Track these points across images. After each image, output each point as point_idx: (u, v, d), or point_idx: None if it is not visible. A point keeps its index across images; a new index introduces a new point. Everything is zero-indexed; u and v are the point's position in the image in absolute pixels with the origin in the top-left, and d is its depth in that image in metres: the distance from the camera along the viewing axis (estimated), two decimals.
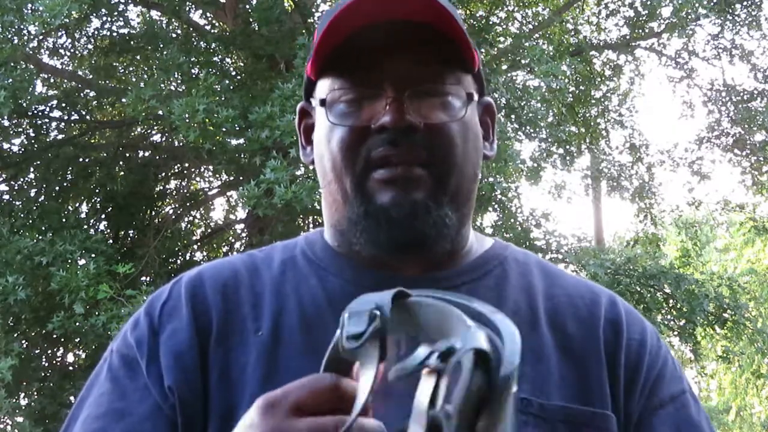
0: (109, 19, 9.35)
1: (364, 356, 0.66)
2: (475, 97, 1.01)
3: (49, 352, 9.53)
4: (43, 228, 8.21)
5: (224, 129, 7.24)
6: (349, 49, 0.95)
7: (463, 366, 0.59)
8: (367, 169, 0.95)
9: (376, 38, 0.94)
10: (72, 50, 10.13)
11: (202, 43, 9.07)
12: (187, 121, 7.01)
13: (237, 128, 7.27)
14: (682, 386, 1.02)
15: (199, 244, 10.83)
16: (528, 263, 1.08)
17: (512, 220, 9.40)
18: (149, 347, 0.96)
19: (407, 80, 0.95)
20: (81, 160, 9.79)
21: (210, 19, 10.02)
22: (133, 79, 9.12)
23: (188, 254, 10.43)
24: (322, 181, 1.02)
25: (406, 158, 0.94)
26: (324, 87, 0.99)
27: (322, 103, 0.98)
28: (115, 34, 9.62)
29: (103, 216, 9.85)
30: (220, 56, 9.02)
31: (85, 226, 8.79)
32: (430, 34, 0.95)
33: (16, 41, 7.51)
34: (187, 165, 10.16)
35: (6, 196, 9.16)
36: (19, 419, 8.22)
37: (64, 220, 8.57)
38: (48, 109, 9.57)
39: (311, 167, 1.03)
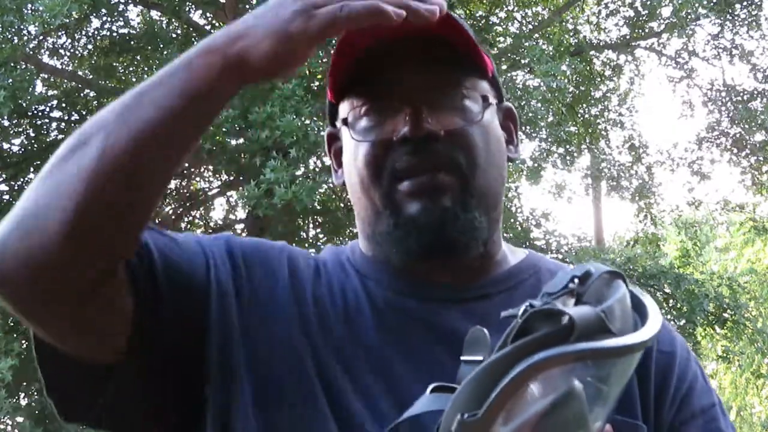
0: (109, 19, 9.36)
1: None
2: (492, 101, 1.03)
3: None
4: None
5: (224, 129, 7.25)
6: (364, 68, 0.98)
7: (611, 284, 0.63)
8: (393, 181, 0.98)
9: (387, 54, 0.97)
10: (72, 50, 10.13)
11: None
12: None
13: (237, 128, 7.27)
14: (711, 399, 1.03)
15: None
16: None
17: (512, 220, 9.41)
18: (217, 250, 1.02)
19: (423, 90, 0.97)
20: None
21: (210, 19, 10.03)
22: (133, 79, 9.12)
23: None
24: (353, 197, 1.05)
25: (429, 166, 0.97)
26: (345, 107, 1.03)
27: (345, 122, 1.02)
28: (115, 34, 9.63)
29: None
30: None
31: None
32: (440, 44, 0.97)
33: (16, 41, 7.52)
34: (187, 165, 10.17)
35: (6, 196, 9.16)
36: (20, 419, 8.23)
37: None
38: (48, 109, 9.58)
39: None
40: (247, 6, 9.00)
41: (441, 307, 1.00)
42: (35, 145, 9.53)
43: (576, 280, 0.66)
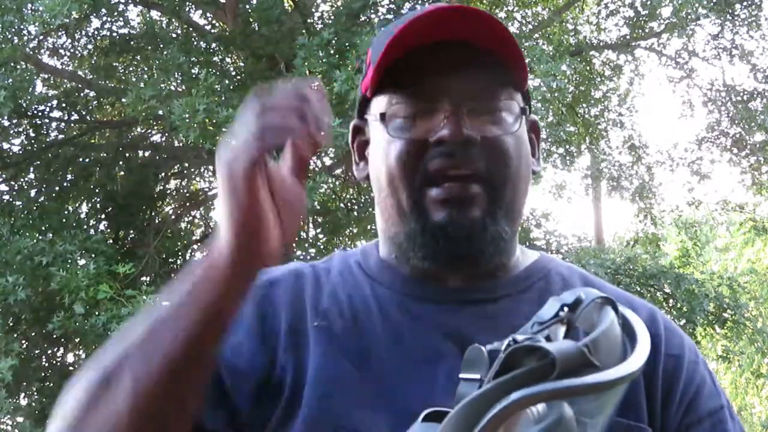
0: (109, 19, 9.35)
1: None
2: (527, 112, 1.04)
3: (49, 352, 9.54)
4: (43, 228, 8.21)
5: (224, 129, 7.25)
6: (407, 67, 0.98)
7: (601, 311, 0.64)
8: (423, 183, 0.98)
9: (432, 56, 0.98)
10: (72, 50, 10.12)
11: (202, 43, 9.07)
12: (187, 121, 7.01)
13: None
14: (720, 402, 1.03)
15: (199, 244, 10.83)
16: (571, 277, 1.09)
17: None
18: None
19: (464, 96, 0.98)
20: (81, 160, 9.79)
21: (210, 19, 10.02)
22: (133, 79, 9.12)
23: (188, 254, 10.43)
24: (378, 195, 1.04)
25: (462, 170, 0.97)
26: (382, 102, 1.02)
27: (382, 117, 1.01)
28: (115, 34, 9.62)
29: (103, 216, 9.85)
30: (220, 56, 9.02)
31: (85, 227, 8.79)
32: (487, 54, 0.98)
33: (16, 41, 7.51)
34: (187, 165, 10.17)
35: (6, 196, 9.16)
36: (20, 419, 8.23)
37: (64, 220, 8.57)
38: (48, 109, 9.57)
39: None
40: (247, 6, 9.00)
41: (452, 311, 1.00)
42: (35, 145, 9.52)
43: (566, 308, 0.67)
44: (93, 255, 7.38)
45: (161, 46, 8.60)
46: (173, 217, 10.37)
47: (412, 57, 0.98)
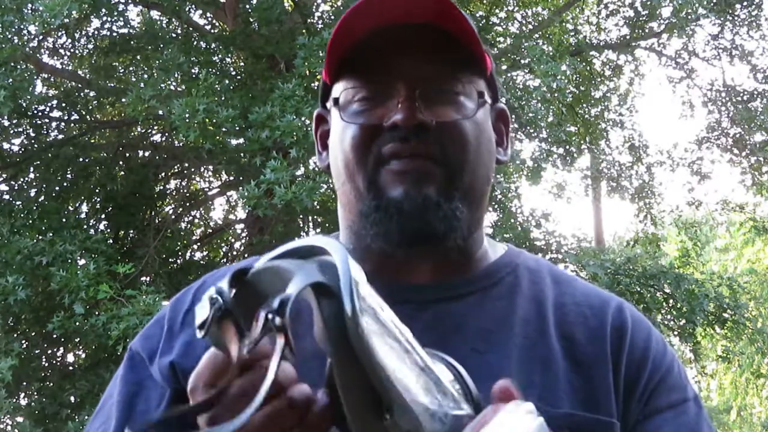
0: (109, 19, 9.35)
1: (221, 341, 0.67)
2: (488, 98, 1.02)
3: (49, 352, 9.54)
4: (43, 228, 8.21)
5: (224, 129, 7.25)
6: (362, 51, 0.96)
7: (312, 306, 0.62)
8: (379, 164, 0.96)
9: (388, 40, 0.95)
10: (72, 50, 10.13)
11: (202, 43, 9.07)
12: (187, 121, 7.01)
13: (237, 128, 7.27)
14: (684, 395, 1.02)
15: (199, 244, 10.84)
16: (540, 271, 1.08)
17: (512, 220, 9.40)
18: (163, 347, 0.99)
19: (419, 79, 0.96)
20: (81, 160, 9.79)
21: (210, 19, 10.03)
22: (133, 79, 9.11)
23: (188, 254, 10.43)
24: (337, 182, 1.02)
25: (417, 152, 0.95)
26: (338, 88, 1.01)
27: (336, 102, 1.00)
28: (115, 34, 9.62)
29: (103, 216, 9.85)
30: (220, 56, 9.02)
31: (85, 226, 8.79)
32: (442, 36, 0.96)
33: (16, 41, 7.51)
34: (187, 165, 10.17)
35: (6, 196, 9.15)
36: (20, 419, 8.23)
37: (64, 220, 8.56)
38: (48, 109, 9.57)
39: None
40: (247, 6, 9.00)
41: (414, 313, 0.95)
42: (35, 145, 9.52)
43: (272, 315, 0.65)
44: (93, 255, 7.38)
45: (161, 46, 8.59)
46: (173, 217, 10.37)
47: (366, 41, 0.95)
